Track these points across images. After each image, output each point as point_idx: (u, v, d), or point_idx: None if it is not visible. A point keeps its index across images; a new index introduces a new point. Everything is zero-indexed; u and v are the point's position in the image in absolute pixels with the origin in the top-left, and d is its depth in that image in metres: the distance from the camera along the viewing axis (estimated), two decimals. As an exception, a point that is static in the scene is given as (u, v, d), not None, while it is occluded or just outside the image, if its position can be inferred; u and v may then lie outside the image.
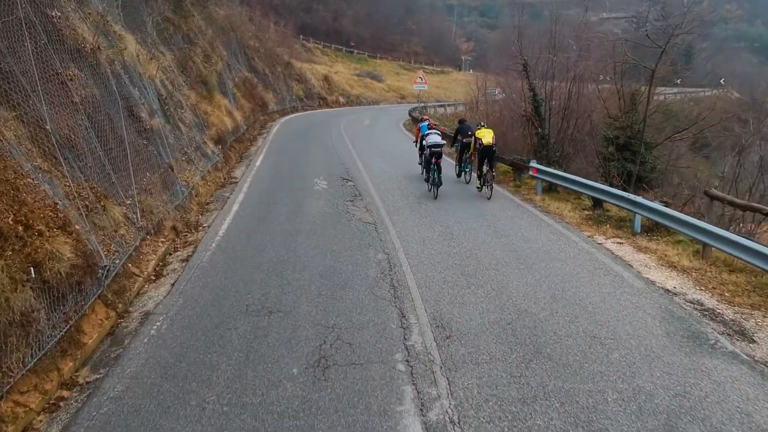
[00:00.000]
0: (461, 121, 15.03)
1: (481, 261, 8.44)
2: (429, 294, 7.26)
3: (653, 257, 8.87)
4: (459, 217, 10.86)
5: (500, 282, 7.64)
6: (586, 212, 11.43)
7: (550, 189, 13.10)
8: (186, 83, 16.50)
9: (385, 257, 8.62)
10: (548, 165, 14.89)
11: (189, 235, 9.86)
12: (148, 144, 10.24)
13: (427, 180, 13.11)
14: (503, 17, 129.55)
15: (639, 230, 9.98)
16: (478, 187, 13.30)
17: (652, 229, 10.02)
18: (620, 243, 9.55)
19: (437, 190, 12.57)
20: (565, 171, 13.21)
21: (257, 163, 16.46)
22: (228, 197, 12.46)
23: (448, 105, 40.72)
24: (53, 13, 8.84)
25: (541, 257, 8.66)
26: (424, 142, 13.53)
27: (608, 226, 10.38)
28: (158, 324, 6.61)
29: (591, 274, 8.05)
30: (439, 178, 12.50)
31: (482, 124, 13.92)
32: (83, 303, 6.32)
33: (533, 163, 13.08)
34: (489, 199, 12.53)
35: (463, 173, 14.68)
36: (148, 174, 9.86)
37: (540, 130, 15.45)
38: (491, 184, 12.70)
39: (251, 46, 30.07)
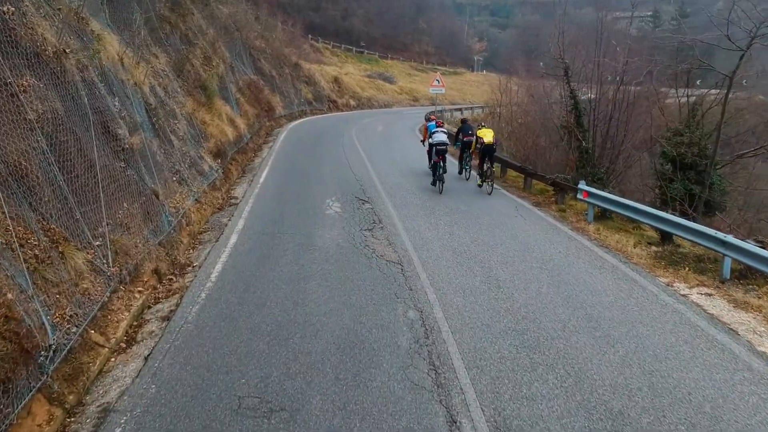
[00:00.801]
0: (463, 121, 15.94)
1: (543, 324, 6.58)
2: (483, 381, 5.42)
3: (759, 318, 6.97)
4: (503, 254, 8.99)
5: (575, 360, 5.78)
6: (654, 248, 9.53)
7: (602, 215, 11.20)
8: (182, 89, 14.76)
9: (418, 316, 6.79)
10: (592, 183, 13.03)
11: (174, 279, 8.07)
12: (126, 167, 8.47)
13: (433, 174, 14.02)
14: (514, 17, 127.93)
15: (728, 276, 8.07)
16: (479, 184, 14.18)
17: (744, 274, 8.12)
18: (709, 295, 7.65)
19: (442, 185, 13.54)
20: (612, 191, 11.30)
21: (261, 179, 14.67)
22: (226, 224, 10.68)
23: (465, 108, 38.78)
24: (5, 9, 7.09)
25: (617, 318, 6.79)
26: (430, 140, 14.27)
27: (687, 269, 8.47)
28: (118, 431, 4.82)
29: (690, 346, 6.17)
30: (444, 174, 13.45)
31: (483, 124, 15.16)
32: (11, 409, 4.54)
33: (583, 185, 11.18)
34: (490, 194, 13.49)
35: (464, 170, 15.53)
36: (125, 205, 8.09)
37: (584, 144, 13.54)
38: (491, 181, 13.59)
39: (257, 47, 28.32)
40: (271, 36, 32.71)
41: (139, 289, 7.48)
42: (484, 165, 13.69)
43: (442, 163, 13.37)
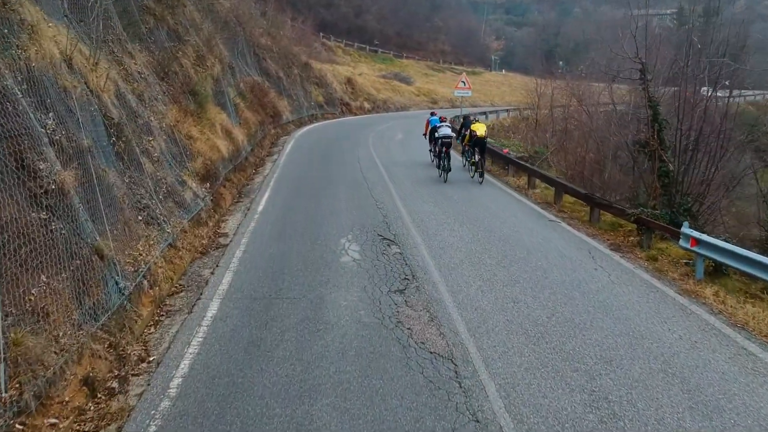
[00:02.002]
0: (465, 117, 17.34)
1: None
2: None
3: None
4: (600, 342, 6.19)
5: None
6: (814, 329, 6.65)
7: (714, 269, 8.32)
8: (165, 95, 12.13)
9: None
10: (678, 215, 10.23)
11: (116, 392, 5.37)
12: (51, 218, 5.78)
13: (438, 167, 15.31)
14: (530, 15, 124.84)
15: None
16: (471, 176, 15.50)
17: None
18: None
19: (447, 175, 14.83)
20: (730, 239, 8.45)
21: (260, 207, 11.97)
22: (207, 281, 7.98)
23: (490, 112, 35.82)
24: None
25: None
26: (436, 134, 15.63)
27: None
28: None
29: None
30: (449, 165, 14.71)
31: (476, 119, 16.74)
32: None
33: (688, 229, 8.32)
34: (480, 183, 14.91)
35: (466, 162, 16.41)
36: (43, 278, 5.40)
37: (669, 165, 10.66)
38: (482, 171, 15.04)
39: (262, 45, 25.69)
40: (278, 33, 30.07)
41: (52, 420, 4.78)
42: (476, 156, 15.02)
43: (447, 155, 14.65)
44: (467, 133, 15.52)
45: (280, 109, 24.08)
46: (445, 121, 15.99)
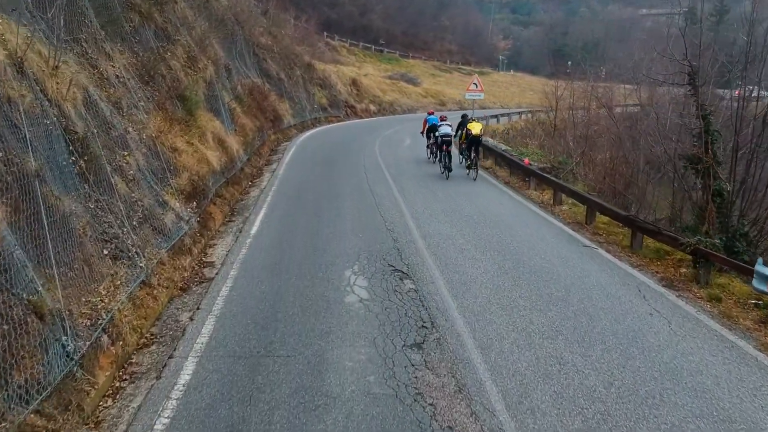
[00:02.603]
0: (464, 116, 17.69)
1: None
2: None
3: None
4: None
5: None
6: None
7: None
8: (149, 101, 10.81)
9: None
10: (734, 242, 8.84)
11: None
12: (-32, 271, 4.46)
13: (440, 163, 16.06)
14: (536, 14, 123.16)
15: None
16: (467, 173, 16.12)
17: None
18: None
19: (448, 172, 15.49)
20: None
21: (254, 227, 10.63)
22: (185, 328, 6.64)
23: (501, 115, 34.35)
24: None
25: None
26: (436, 132, 16.54)
27: None
28: None
29: None
30: (450, 162, 15.43)
31: (473, 118, 17.20)
32: None
33: (764, 268, 6.92)
34: (474, 180, 15.67)
35: (463, 159, 16.85)
36: (-50, 355, 4.07)
37: (726, 184, 9.26)
38: (477, 168, 15.93)
39: (263, 45, 24.38)
40: (280, 32, 28.74)
41: None
42: (472, 154, 15.75)
43: (447, 153, 15.38)
44: (463, 131, 16.43)
45: (281, 113, 22.76)
46: (445, 120, 16.64)
